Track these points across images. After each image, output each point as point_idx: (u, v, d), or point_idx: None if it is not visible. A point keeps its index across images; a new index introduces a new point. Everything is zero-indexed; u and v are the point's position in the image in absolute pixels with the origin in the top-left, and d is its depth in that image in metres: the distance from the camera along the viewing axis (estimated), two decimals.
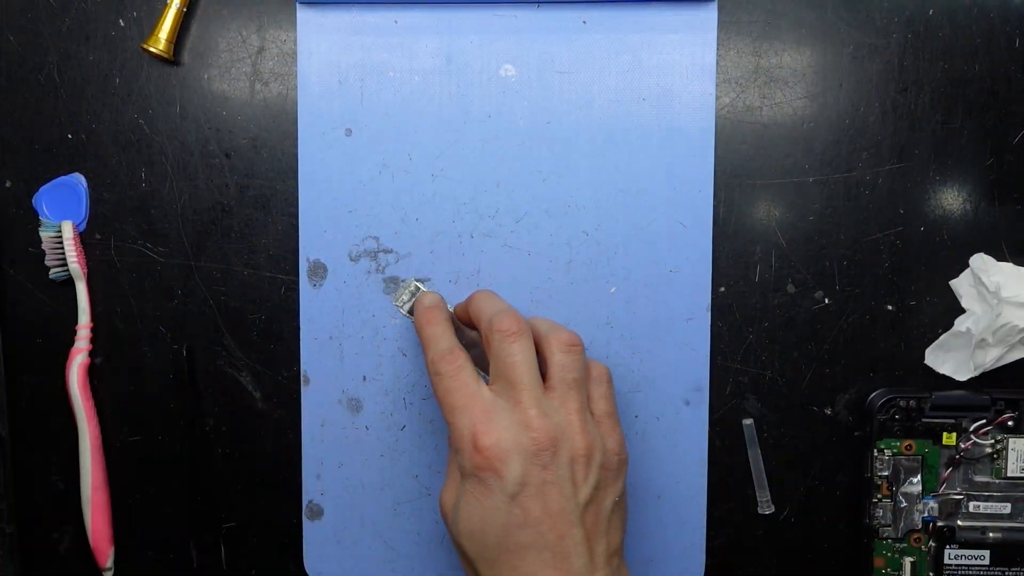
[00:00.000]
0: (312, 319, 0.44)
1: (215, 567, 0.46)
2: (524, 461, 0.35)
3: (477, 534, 0.36)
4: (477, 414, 0.36)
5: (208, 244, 0.44)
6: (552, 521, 0.35)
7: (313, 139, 0.43)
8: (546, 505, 0.35)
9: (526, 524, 0.35)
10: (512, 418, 0.36)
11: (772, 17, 0.43)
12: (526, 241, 0.43)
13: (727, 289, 0.44)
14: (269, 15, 0.43)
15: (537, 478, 0.35)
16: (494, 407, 0.36)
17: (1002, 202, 0.43)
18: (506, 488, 0.35)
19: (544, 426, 0.36)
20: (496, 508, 0.35)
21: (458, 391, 0.37)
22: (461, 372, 0.37)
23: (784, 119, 0.43)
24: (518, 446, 0.35)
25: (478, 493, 0.36)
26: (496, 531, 0.35)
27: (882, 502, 0.43)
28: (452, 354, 0.38)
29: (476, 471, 0.35)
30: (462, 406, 0.36)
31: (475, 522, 0.36)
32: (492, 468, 0.35)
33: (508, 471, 0.35)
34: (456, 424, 0.36)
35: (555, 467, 0.35)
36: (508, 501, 0.35)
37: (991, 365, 0.43)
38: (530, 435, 0.35)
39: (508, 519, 0.35)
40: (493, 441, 0.35)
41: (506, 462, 0.35)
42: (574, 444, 0.36)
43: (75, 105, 0.44)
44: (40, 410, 0.45)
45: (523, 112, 0.43)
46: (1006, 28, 0.42)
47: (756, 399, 0.44)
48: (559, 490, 0.35)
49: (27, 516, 0.46)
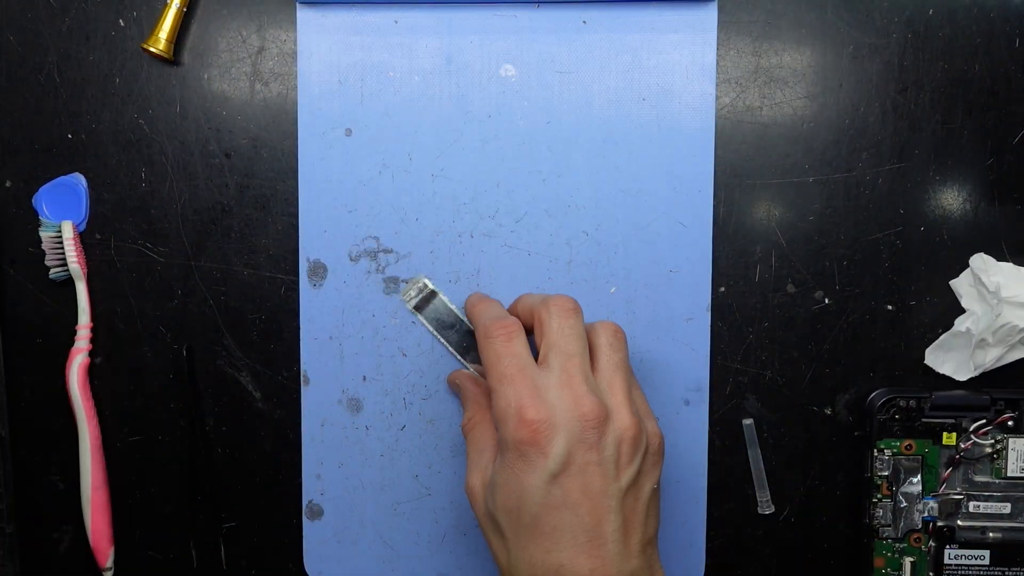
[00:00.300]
0: (312, 319, 0.44)
1: (215, 567, 0.46)
2: (570, 439, 0.34)
3: (514, 510, 0.35)
4: (525, 386, 0.35)
5: (208, 244, 0.44)
6: (591, 504, 0.34)
7: (313, 139, 0.43)
8: (587, 487, 0.34)
9: (564, 506, 0.34)
10: (562, 394, 0.35)
11: (772, 17, 0.43)
12: (526, 241, 0.43)
13: (727, 289, 0.44)
14: (269, 15, 0.43)
15: (581, 458, 0.34)
16: (544, 381, 0.36)
17: (1002, 202, 0.43)
18: (548, 466, 0.34)
19: (595, 404, 0.35)
20: (535, 486, 0.34)
21: (509, 358, 0.36)
22: (513, 339, 0.37)
23: (784, 119, 0.43)
24: (566, 423, 0.34)
25: (518, 468, 0.35)
26: (532, 510, 0.34)
27: (882, 502, 0.43)
28: (505, 320, 0.37)
29: (519, 444, 0.34)
30: (511, 375, 0.36)
31: (511, 498, 0.35)
32: (536, 443, 0.34)
33: (553, 447, 0.34)
34: (502, 393, 0.35)
35: (600, 448, 0.35)
36: (548, 480, 0.34)
37: (991, 365, 0.43)
38: (580, 411, 0.35)
39: (546, 499, 0.34)
40: (541, 415, 0.34)
41: (551, 438, 0.34)
42: (622, 425, 0.35)
43: (75, 105, 0.44)
44: (40, 410, 0.45)
45: (523, 112, 0.43)
46: (1006, 28, 0.42)
47: (756, 399, 0.44)
48: (602, 472, 0.35)
49: (27, 516, 0.46)
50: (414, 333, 0.44)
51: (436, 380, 0.44)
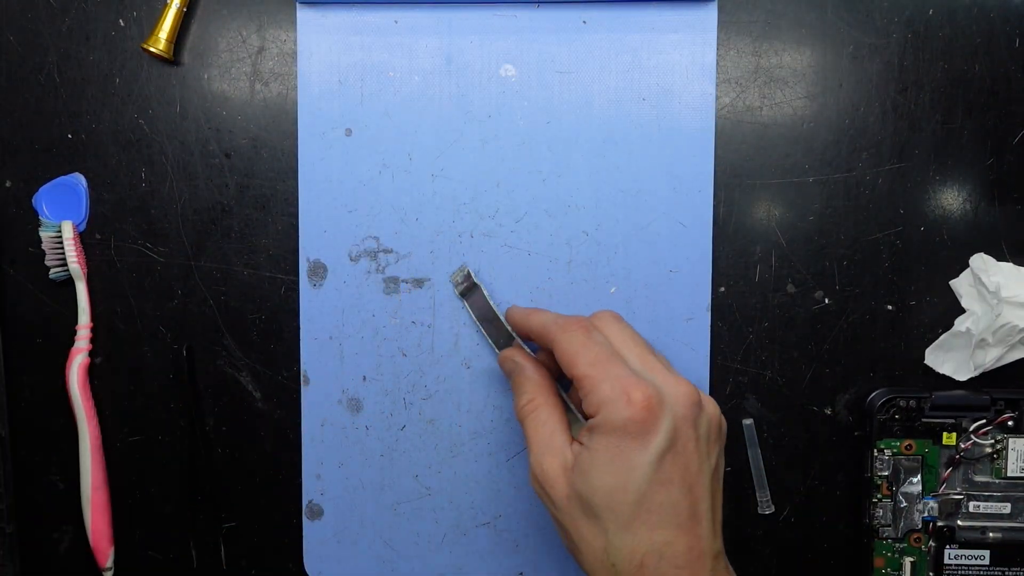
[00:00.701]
0: (312, 319, 0.44)
1: (215, 567, 0.46)
2: (675, 416, 0.35)
3: (617, 492, 0.35)
4: (624, 370, 0.36)
5: (208, 244, 0.44)
6: (691, 482, 0.35)
7: (313, 139, 0.43)
8: (687, 465, 0.35)
9: (670, 482, 0.34)
10: (654, 378, 0.36)
11: (772, 17, 0.43)
12: (526, 241, 0.43)
13: (727, 289, 0.44)
14: (269, 15, 0.43)
15: (684, 435, 0.35)
16: (635, 369, 0.36)
17: (1002, 202, 0.43)
18: (658, 442, 0.34)
19: (687, 385, 0.36)
20: (645, 463, 0.34)
21: (595, 347, 0.36)
22: (591, 331, 0.37)
23: (784, 119, 0.43)
24: (669, 401, 0.35)
25: (626, 447, 0.34)
26: (640, 487, 0.34)
27: (882, 502, 0.43)
28: (577, 317, 0.38)
29: (630, 423, 0.34)
30: (604, 360, 0.36)
31: (616, 478, 0.35)
32: (648, 421, 0.34)
33: (662, 426, 0.34)
34: (602, 376, 0.35)
35: (697, 426, 0.35)
36: (656, 458, 0.34)
37: (991, 365, 0.43)
38: (678, 391, 0.35)
39: (655, 476, 0.34)
40: (649, 395, 0.35)
41: (661, 417, 0.34)
42: (709, 408, 0.36)
43: (75, 105, 0.44)
44: (40, 410, 0.45)
45: (523, 112, 0.43)
46: (1006, 28, 0.42)
47: (756, 399, 0.44)
48: (698, 451, 0.35)
49: (27, 516, 0.46)
50: (414, 333, 0.44)
51: (436, 380, 0.44)
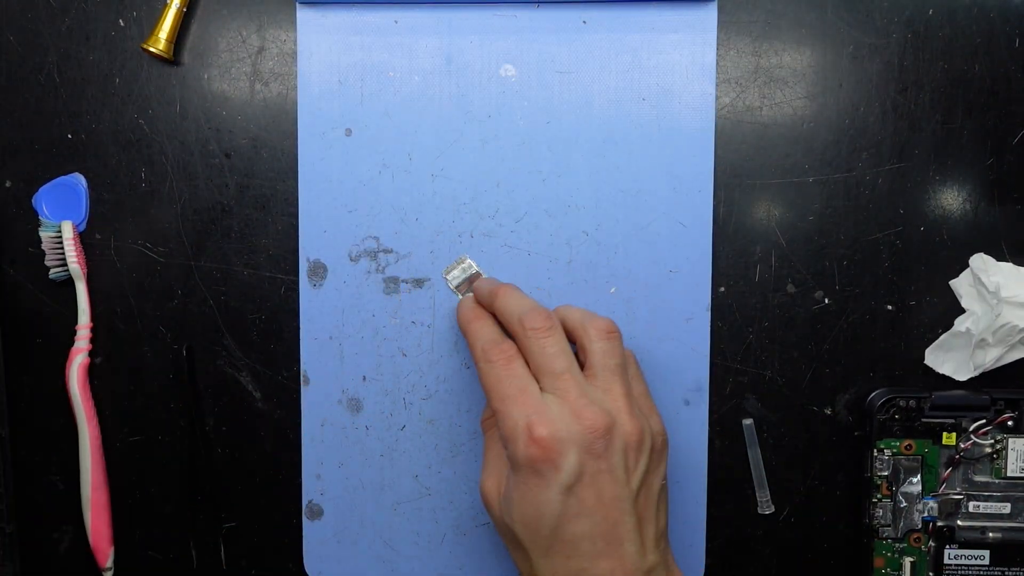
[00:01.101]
0: (312, 319, 0.44)
1: (215, 567, 0.46)
2: (579, 451, 0.35)
3: (532, 524, 0.36)
4: (531, 405, 0.36)
5: (208, 244, 0.44)
6: (606, 510, 0.35)
7: (313, 139, 0.43)
8: (600, 494, 0.35)
9: (581, 514, 0.35)
10: (563, 409, 0.36)
11: (772, 17, 0.43)
12: (526, 241, 0.43)
13: (727, 289, 0.44)
14: (269, 15, 0.43)
15: (592, 467, 0.35)
16: (545, 399, 0.36)
17: (1002, 202, 0.43)
18: (562, 480, 0.35)
19: (595, 414, 0.35)
20: (551, 500, 0.35)
21: (510, 380, 0.37)
22: (513, 361, 0.37)
23: (784, 119, 0.43)
24: (572, 436, 0.35)
25: (532, 484, 0.35)
26: (550, 521, 0.35)
27: (882, 502, 0.43)
28: (504, 344, 0.38)
29: (532, 462, 0.35)
30: (513, 395, 0.36)
31: (528, 513, 0.36)
32: (549, 459, 0.35)
33: (565, 462, 0.35)
34: (509, 414, 0.36)
35: (609, 455, 0.35)
36: (564, 492, 0.35)
37: (991, 365, 0.43)
38: (583, 424, 0.35)
39: (563, 510, 0.35)
40: (550, 432, 0.35)
41: (563, 453, 0.35)
42: (626, 430, 0.36)
43: (75, 105, 0.43)
44: (40, 410, 0.45)
45: (523, 112, 0.43)
46: (1006, 28, 0.42)
47: (756, 399, 0.44)
48: (613, 479, 0.35)
49: (27, 516, 0.46)
50: (414, 333, 0.44)
51: (436, 380, 0.44)
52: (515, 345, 0.38)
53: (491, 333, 0.39)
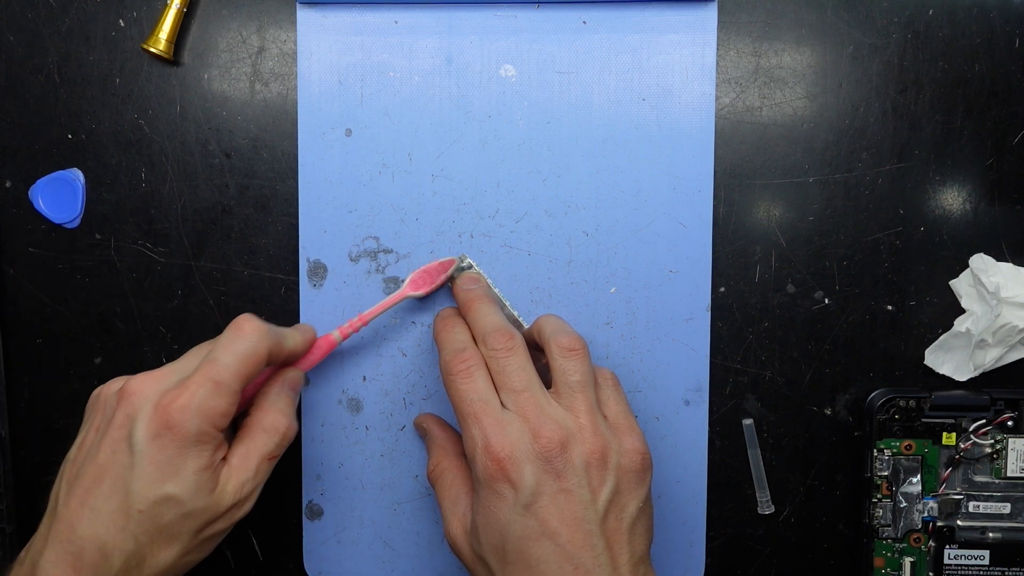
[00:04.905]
0: (312, 319, 0.44)
1: (215, 567, 0.46)
2: (537, 469, 0.34)
3: (498, 546, 0.35)
4: (490, 423, 0.35)
5: (208, 244, 0.44)
6: (570, 531, 0.34)
7: (313, 139, 0.43)
8: (562, 514, 0.34)
9: (543, 535, 0.34)
10: (522, 427, 0.35)
11: (772, 17, 0.43)
12: (526, 241, 0.43)
13: (727, 289, 0.44)
14: (269, 15, 0.43)
15: (551, 486, 0.34)
16: (504, 416, 0.36)
17: (1002, 202, 0.43)
18: (520, 498, 0.34)
19: (551, 431, 0.35)
20: (511, 520, 0.34)
21: (470, 395, 0.36)
22: (473, 374, 0.37)
23: (784, 119, 0.43)
24: (528, 454, 0.35)
25: (494, 504, 0.35)
26: (514, 544, 0.34)
27: (882, 502, 0.43)
28: (465, 352, 0.37)
29: (490, 481, 0.35)
30: (474, 414, 0.36)
31: (494, 536, 0.35)
32: (506, 478, 0.34)
33: (522, 480, 0.34)
34: (470, 433, 0.36)
35: (569, 474, 0.35)
36: (523, 512, 0.34)
37: (991, 365, 0.43)
38: (539, 442, 0.35)
39: (525, 531, 0.34)
40: (506, 451, 0.35)
41: (520, 471, 0.34)
42: (585, 447, 0.35)
43: (75, 105, 0.43)
44: (40, 410, 0.45)
45: (523, 112, 0.43)
46: (1006, 28, 0.42)
47: (756, 399, 0.44)
48: (576, 498, 0.34)
49: (27, 516, 0.45)
50: (414, 333, 0.44)
51: (436, 380, 0.44)
52: (478, 354, 0.38)
53: (455, 343, 0.38)
